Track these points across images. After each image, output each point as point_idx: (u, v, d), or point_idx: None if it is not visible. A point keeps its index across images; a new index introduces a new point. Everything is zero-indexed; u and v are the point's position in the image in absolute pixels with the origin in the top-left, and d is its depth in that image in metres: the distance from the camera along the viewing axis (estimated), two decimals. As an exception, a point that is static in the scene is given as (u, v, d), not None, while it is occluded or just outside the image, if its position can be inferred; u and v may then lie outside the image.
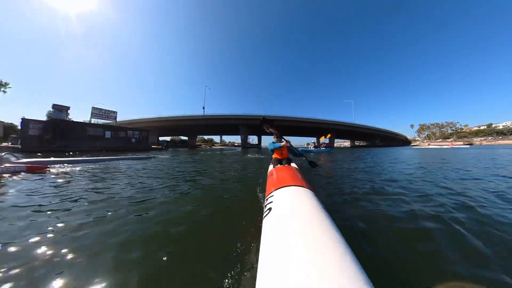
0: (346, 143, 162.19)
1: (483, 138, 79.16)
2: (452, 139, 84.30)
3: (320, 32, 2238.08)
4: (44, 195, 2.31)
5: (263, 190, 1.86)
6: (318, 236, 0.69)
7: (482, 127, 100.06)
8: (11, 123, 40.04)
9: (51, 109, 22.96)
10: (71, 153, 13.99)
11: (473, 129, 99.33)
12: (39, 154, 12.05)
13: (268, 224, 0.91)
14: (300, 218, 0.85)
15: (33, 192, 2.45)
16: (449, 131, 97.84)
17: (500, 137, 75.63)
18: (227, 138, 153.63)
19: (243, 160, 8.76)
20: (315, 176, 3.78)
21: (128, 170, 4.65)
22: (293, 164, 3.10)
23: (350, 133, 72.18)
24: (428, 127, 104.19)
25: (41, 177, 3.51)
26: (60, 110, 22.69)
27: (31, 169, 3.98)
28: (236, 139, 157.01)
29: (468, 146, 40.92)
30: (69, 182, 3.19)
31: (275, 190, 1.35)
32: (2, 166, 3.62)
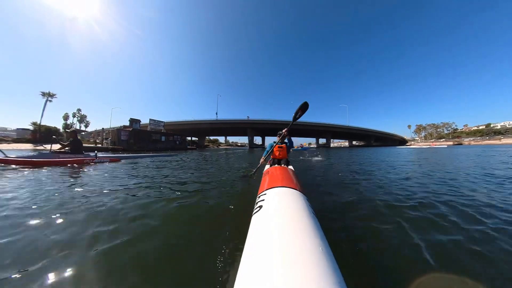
0: (346, 143, 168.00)
1: (472, 139, 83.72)
2: (444, 139, 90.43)
3: (319, 40, 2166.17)
4: (114, 173, 4.26)
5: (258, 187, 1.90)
6: (302, 239, 0.71)
7: (481, 127, 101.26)
8: (55, 127, 47.10)
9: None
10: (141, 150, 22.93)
11: (472, 129, 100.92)
12: (135, 151, 21.58)
13: (257, 222, 0.95)
14: (288, 219, 0.87)
15: (113, 172, 4.47)
16: (446, 132, 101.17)
17: (487, 138, 79.83)
18: (230, 139, 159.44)
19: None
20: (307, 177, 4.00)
21: (166, 163, 6.77)
22: (290, 167, 3.15)
23: (346, 134, 79.94)
24: (425, 127, 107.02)
25: (117, 164, 6.09)
26: (136, 122, 34.76)
27: (112, 160, 6.69)
28: (239, 139, 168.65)
29: (446, 146, 43.86)
30: (129, 168, 5.20)
31: (268, 189, 1.36)
32: (97, 158, 6.27)
